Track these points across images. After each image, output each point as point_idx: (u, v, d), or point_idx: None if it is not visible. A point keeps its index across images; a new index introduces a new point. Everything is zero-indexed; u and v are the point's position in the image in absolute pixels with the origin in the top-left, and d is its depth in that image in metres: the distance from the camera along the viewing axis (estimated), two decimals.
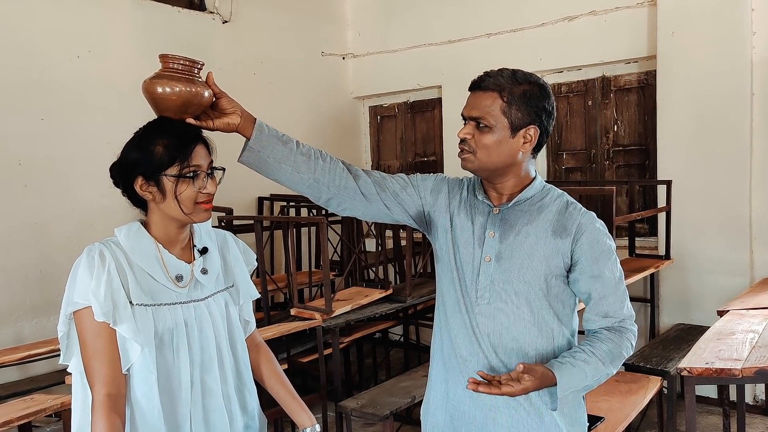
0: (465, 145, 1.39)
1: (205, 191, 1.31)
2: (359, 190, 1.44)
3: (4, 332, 3.27)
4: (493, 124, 1.35)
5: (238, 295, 1.46)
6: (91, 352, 1.23)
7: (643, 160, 4.14)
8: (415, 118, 5.27)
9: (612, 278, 1.39)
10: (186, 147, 1.28)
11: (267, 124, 1.40)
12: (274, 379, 1.51)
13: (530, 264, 1.37)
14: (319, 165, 1.40)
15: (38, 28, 3.42)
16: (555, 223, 1.39)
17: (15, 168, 3.32)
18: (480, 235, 1.42)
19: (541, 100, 1.37)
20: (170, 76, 1.27)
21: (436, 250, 1.52)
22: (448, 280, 1.46)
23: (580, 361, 1.33)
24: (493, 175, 1.41)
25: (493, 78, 1.36)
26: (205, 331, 1.36)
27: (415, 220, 1.52)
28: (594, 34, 4.10)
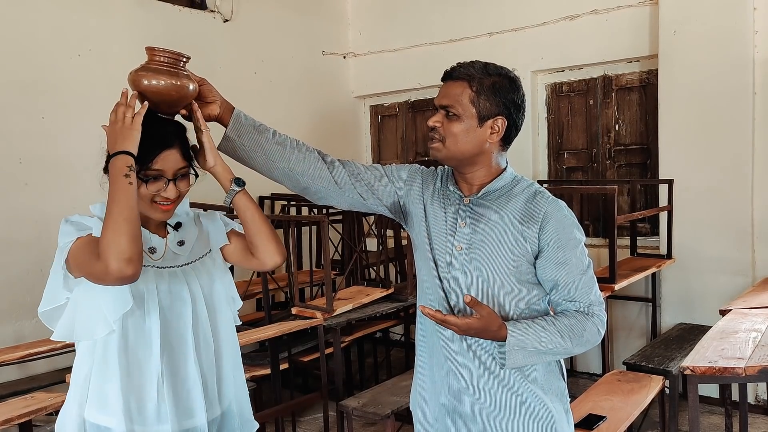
0: (435, 133, 1.41)
1: (164, 195, 1.34)
2: (333, 180, 1.48)
3: (4, 331, 3.26)
4: (461, 113, 1.37)
5: (215, 257, 1.48)
6: (90, 248, 1.22)
7: (645, 159, 4.13)
8: (416, 117, 5.26)
9: (579, 265, 1.40)
10: (150, 152, 1.31)
11: (245, 113, 1.45)
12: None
13: (499, 252, 1.39)
14: (293, 154, 1.45)
15: (39, 27, 3.42)
16: (522, 212, 1.41)
17: (16, 166, 3.32)
18: (452, 225, 1.45)
19: (510, 93, 1.39)
20: (156, 69, 1.30)
21: (413, 238, 1.55)
22: (425, 268, 1.49)
23: (537, 326, 1.34)
24: (462, 164, 1.43)
25: (464, 68, 1.39)
26: (181, 296, 1.38)
27: (390, 210, 1.56)
28: (595, 33, 4.09)
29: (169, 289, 1.37)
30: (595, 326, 1.40)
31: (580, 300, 1.40)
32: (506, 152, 1.48)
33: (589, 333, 1.39)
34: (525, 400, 1.40)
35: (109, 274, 1.17)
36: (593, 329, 1.39)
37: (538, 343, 1.34)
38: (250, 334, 2.52)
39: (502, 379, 1.40)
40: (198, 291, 1.41)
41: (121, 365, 1.32)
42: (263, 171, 1.46)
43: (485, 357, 1.41)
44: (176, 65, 1.32)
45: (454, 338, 1.42)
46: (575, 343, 1.37)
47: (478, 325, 1.29)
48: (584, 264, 1.42)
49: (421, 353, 1.54)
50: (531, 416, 1.40)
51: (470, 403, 1.42)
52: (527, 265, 1.41)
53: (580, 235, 1.43)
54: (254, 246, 1.45)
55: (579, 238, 1.43)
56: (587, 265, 1.42)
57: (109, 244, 1.17)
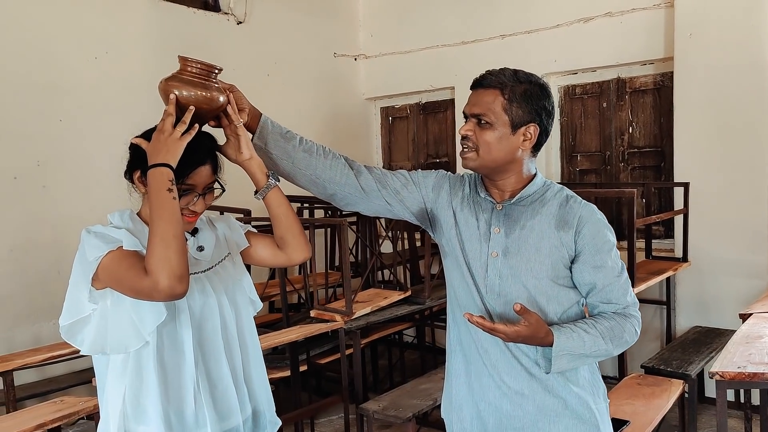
0: (467, 142, 1.42)
1: (192, 209, 1.35)
2: (360, 187, 1.48)
3: (23, 334, 3.27)
4: (494, 121, 1.38)
5: (234, 260, 1.49)
6: (129, 262, 1.21)
7: (659, 162, 4.13)
8: (427, 119, 5.27)
9: (614, 268, 1.41)
10: (186, 167, 1.31)
11: (272, 120, 1.45)
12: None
13: (537, 257, 1.40)
14: (320, 162, 1.45)
15: (56, 30, 3.43)
16: (557, 217, 1.41)
17: (33, 169, 3.32)
18: (485, 231, 1.45)
19: (542, 99, 1.40)
20: (187, 80, 1.29)
21: (442, 245, 1.54)
22: (458, 275, 1.49)
23: (581, 330, 1.35)
24: (494, 172, 1.43)
25: (495, 76, 1.39)
26: (208, 302, 1.39)
27: (416, 217, 1.56)
28: (609, 35, 4.09)
29: (198, 296, 1.37)
30: (633, 327, 1.41)
31: (617, 302, 1.41)
32: (536, 158, 1.48)
33: (627, 334, 1.40)
34: (568, 402, 1.41)
35: (160, 292, 1.17)
36: (631, 330, 1.41)
37: (582, 347, 1.34)
38: (272, 337, 2.52)
39: (545, 383, 1.40)
40: (222, 295, 1.42)
41: (159, 377, 1.31)
42: (289, 178, 1.47)
43: (527, 362, 1.41)
44: (208, 77, 1.31)
45: (493, 344, 1.42)
46: (615, 344, 1.38)
47: (526, 332, 1.29)
48: (619, 266, 1.43)
49: (455, 360, 1.53)
50: (575, 418, 1.41)
51: (512, 408, 1.42)
52: (564, 270, 1.42)
53: (612, 238, 1.44)
54: (285, 242, 1.47)
55: (612, 240, 1.44)
56: (621, 267, 1.44)
57: (160, 261, 1.16)
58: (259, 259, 1.53)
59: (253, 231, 1.55)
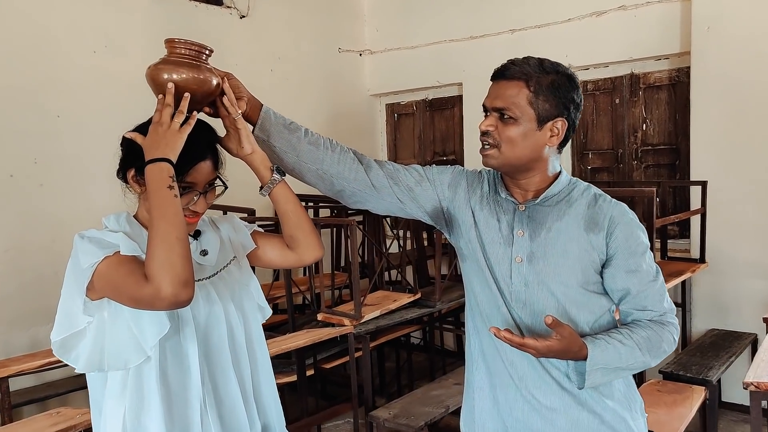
0: (488, 138, 1.30)
1: (192, 209, 1.23)
2: (370, 183, 1.37)
3: (19, 337, 3.17)
4: (518, 116, 1.26)
5: (240, 263, 1.38)
6: (127, 269, 1.10)
7: (674, 159, 4.02)
8: (434, 116, 5.15)
9: (649, 272, 1.31)
10: (184, 164, 1.19)
11: (274, 111, 1.34)
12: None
13: (565, 262, 1.29)
14: (327, 155, 1.34)
15: (54, 24, 3.31)
16: (586, 218, 1.31)
17: (30, 167, 3.21)
18: (508, 234, 1.34)
19: (570, 91, 1.29)
20: (176, 61, 1.17)
21: (460, 247, 1.43)
22: (480, 280, 1.37)
23: (616, 341, 1.24)
24: (518, 170, 1.32)
25: (518, 66, 1.27)
26: (213, 311, 1.27)
27: (431, 216, 1.44)
28: (623, 29, 3.97)
29: (202, 304, 1.26)
30: (671, 335, 1.31)
31: (653, 309, 1.31)
32: (561, 154, 1.38)
33: (666, 343, 1.30)
34: (604, 418, 1.30)
35: (162, 300, 1.05)
36: (670, 339, 1.31)
37: (618, 360, 1.24)
38: (279, 342, 2.42)
39: (578, 397, 1.30)
40: (229, 302, 1.31)
41: (162, 395, 1.19)
42: (294, 173, 1.36)
43: (558, 375, 1.31)
44: (198, 58, 1.20)
45: (520, 356, 1.31)
46: (653, 355, 1.28)
47: (559, 347, 1.18)
48: (654, 270, 1.33)
49: (477, 372, 1.43)
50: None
51: (543, 424, 1.32)
52: (594, 275, 1.31)
53: (646, 239, 1.34)
54: (295, 240, 1.36)
55: (646, 242, 1.33)
56: (656, 271, 1.33)
57: (162, 265, 1.05)
58: (268, 261, 1.42)
59: (260, 231, 1.44)
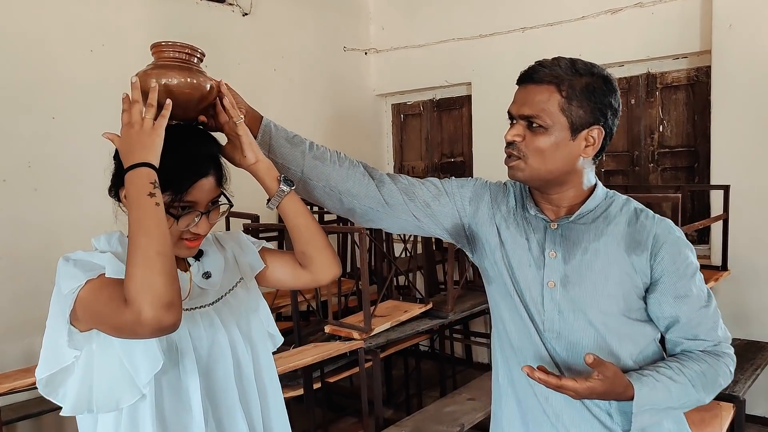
0: (514, 150, 1.16)
1: (194, 231, 1.09)
2: (383, 199, 1.25)
3: (13, 349, 3.03)
4: (549, 124, 1.13)
5: (248, 285, 1.24)
6: (109, 292, 0.97)
7: (692, 162, 3.88)
8: (442, 116, 5.02)
9: (700, 296, 1.18)
10: (184, 180, 1.06)
11: (275, 123, 1.22)
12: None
13: (605, 288, 1.15)
14: (335, 171, 1.22)
15: (49, 21, 3.17)
16: (626, 237, 1.17)
17: (24, 170, 3.08)
18: (538, 255, 1.20)
19: (607, 95, 1.15)
20: (165, 65, 1.07)
21: (485, 269, 1.29)
22: (508, 306, 1.24)
23: (666, 377, 1.11)
24: (548, 184, 1.19)
25: (548, 68, 1.13)
26: (218, 341, 1.13)
27: (450, 234, 1.31)
28: (640, 27, 3.83)
29: (205, 334, 1.12)
30: (727, 368, 1.18)
31: (706, 338, 1.18)
32: (595, 165, 1.23)
33: (722, 377, 1.17)
34: None
35: (143, 325, 0.91)
36: (726, 372, 1.17)
37: (669, 399, 1.11)
38: (286, 359, 2.28)
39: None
40: (235, 331, 1.17)
41: None
42: (299, 191, 1.23)
43: (599, 413, 1.18)
44: (189, 61, 1.09)
45: (554, 393, 1.16)
46: (708, 391, 1.15)
47: (602, 388, 1.04)
48: (705, 294, 1.19)
49: (507, 405, 1.29)
50: None
51: None
52: (637, 301, 1.18)
53: (695, 259, 1.20)
54: (308, 258, 1.22)
55: (695, 263, 1.19)
56: (708, 295, 1.20)
57: (141, 285, 0.91)
58: (278, 282, 1.28)
59: (268, 247, 1.30)
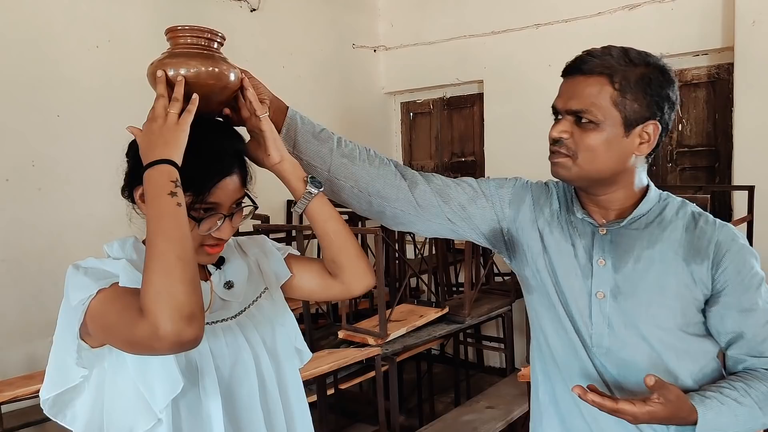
0: (561, 147, 1.07)
1: (216, 235, 0.99)
2: (415, 202, 1.16)
3: (16, 354, 2.94)
4: (600, 120, 1.03)
5: (273, 296, 1.13)
6: (123, 303, 0.87)
7: (713, 162, 3.78)
8: (452, 115, 4.92)
9: (766, 310, 1.07)
10: (206, 180, 0.96)
11: (301, 115, 1.12)
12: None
13: (661, 300, 1.06)
14: (365, 170, 1.13)
15: (53, 16, 3.08)
16: (685, 244, 1.07)
17: (28, 170, 2.99)
18: (585, 263, 1.11)
19: (664, 87, 1.05)
20: (184, 53, 0.95)
21: (525, 277, 1.20)
22: (551, 318, 1.15)
23: (731, 399, 1.02)
24: (597, 185, 1.09)
25: (599, 58, 1.04)
26: (241, 358, 1.03)
27: (487, 239, 1.22)
28: (658, 24, 3.73)
29: (227, 351, 1.01)
30: None
31: None
32: (648, 163, 1.14)
33: None
34: None
35: (161, 339, 0.80)
36: None
37: (734, 423, 1.01)
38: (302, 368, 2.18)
39: None
40: (260, 347, 1.06)
41: None
42: (325, 192, 1.14)
43: None
44: (209, 47, 0.98)
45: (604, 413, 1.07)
46: None
47: (664, 413, 0.95)
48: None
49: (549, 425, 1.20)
50: None
51: None
52: (696, 314, 1.08)
53: (760, 269, 1.10)
54: (339, 267, 1.11)
55: (761, 273, 1.09)
56: None
57: (159, 294, 0.80)
58: (306, 292, 1.18)
59: (294, 253, 1.19)
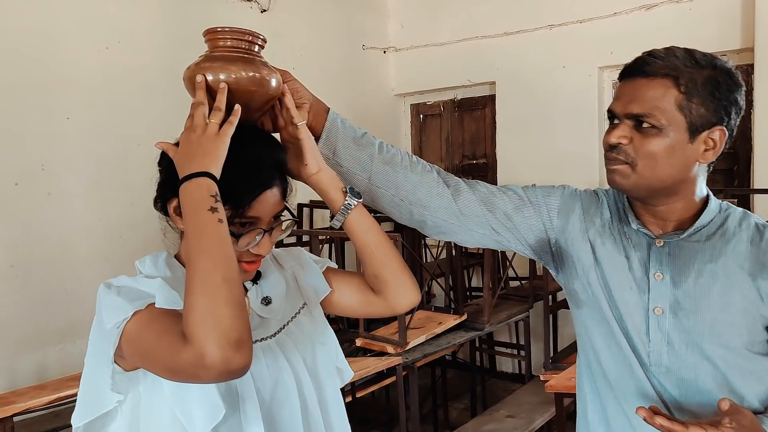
0: (619, 154, 1.00)
1: (255, 251, 0.92)
2: (459, 211, 1.10)
3: (26, 361, 2.88)
4: (663, 125, 0.97)
5: (313, 312, 1.07)
6: (161, 326, 0.81)
7: (731, 165, 3.72)
8: (463, 116, 4.86)
9: None
10: (247, 192, 0.90)
11: (342, 118, 1.07)
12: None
13: (726, 317, 1.00)
14: (407, 178, 1.08)
15: (63, 17, 3.03)
16: (750, 258, 1.00)
17: (37, 173, 2.93)
18: (641, 277, 1.05)
19: (732, 91, 0.99)
20: (224, 56, 0.89)
21: (574, 290, 1.13)
22: (603, 334, 1.08)
23: None
24: (656, 194, 1.03)
25: (662, 60, 0.98)
26: (282, 380, 0.96)
27: (534, 250, 1.15)
28: (676, 24, 3.67)
29: (268, 373, 0.95)
30: None
31: None
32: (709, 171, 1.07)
33: None
34: None
35: (208, 368, 0.74)
36: None
37: None
38: None
39: None
40: (301, 367, 0.99)
41: None
42: (363, 198, 1.08)
43: None
44: (250, 50, 0.92)
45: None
46: None
47: None
48: None
49: None
50: None
51: None
52: (762, 332, 1.02)
53: None
54: (382, 282, 1.05)
55: None
56: None
57: (205, 319, 0.74)
58: (345, 308, 1.11)
59: (333, 266, 1.13)
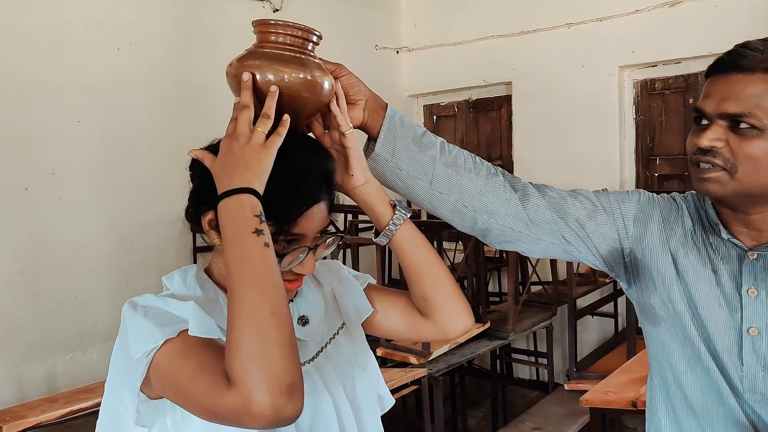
0: (714, 158, 0.89)
1: (298, 271, 0.85)
2: (527, 218, 1.01)
3: (35, 370, 2.81)
4: (765, 125, 0.86)
5: (353, 334, 0.98)
6: (197, 361, 0.72)
7: None
8: (478, 117, 4.77)
9: None
10: (293, 207, 0.81)
11: (401, 115, 0.98)
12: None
13: None
14: (471, 182, 0.99)
15: (73, 18, 2.96)
16: None
17: (48, 178, 2.86)
18: (732, 293, 0.94)
19: None
20: (274, 55, 0.79)
21: (650, 306, 1.03)
22: (685, 355, 0.98)
23: None
24: (753, 202, 0.93)
25: (761, 53, 0.87)
26: (321, 408, 0.87)
27: (605, 261, 1.05)
28: (700, 21, 3.57)
29: (307, 400, 0.83)
30: None
31: None
32: None
33: None
34: None
35: (255, 417, 0.65)
36: None
37: None
38: None
39: None
40: (340, 393, 0.91)
41: None
42: (423, 204, 1.00)
43: None
44: (303, 48, 0.82)
45: None
46: None
47: None
48: None
49: None
50: None
51: None
52: None
53: None
54: (431, 305, 0.96)
55: None
56: None
57: (253, 362, 0.66)
58: (389, 331, 1.02)
59: (373, 282, 1.04)
